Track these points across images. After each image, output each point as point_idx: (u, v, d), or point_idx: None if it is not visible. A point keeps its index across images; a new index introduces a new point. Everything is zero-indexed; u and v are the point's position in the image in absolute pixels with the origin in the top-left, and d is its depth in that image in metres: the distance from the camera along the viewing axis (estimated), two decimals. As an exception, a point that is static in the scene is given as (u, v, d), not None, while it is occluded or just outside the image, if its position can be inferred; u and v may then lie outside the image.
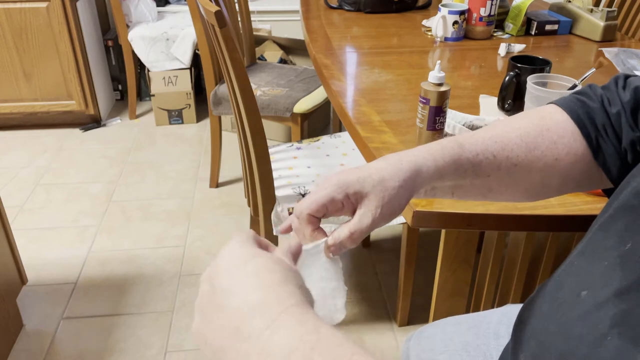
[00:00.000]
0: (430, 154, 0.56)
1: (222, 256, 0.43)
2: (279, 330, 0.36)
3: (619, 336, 0.37)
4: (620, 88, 0.59)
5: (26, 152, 2.60)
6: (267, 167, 1.36)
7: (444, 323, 0.86)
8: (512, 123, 0.61)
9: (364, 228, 0.52)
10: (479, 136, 0.59)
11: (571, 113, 0.59)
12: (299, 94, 2.04)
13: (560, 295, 0.47)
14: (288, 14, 3.08)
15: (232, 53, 1.22)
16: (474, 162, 0.57)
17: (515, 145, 0.58)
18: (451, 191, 0.60)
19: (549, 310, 0.48)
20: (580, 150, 0.58)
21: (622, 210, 0.46)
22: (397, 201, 0.53)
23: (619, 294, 0.40)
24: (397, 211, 0.54)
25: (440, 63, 0.98)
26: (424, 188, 0.57)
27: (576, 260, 0.49)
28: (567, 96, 0.62)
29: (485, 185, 0.59)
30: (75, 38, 2.55)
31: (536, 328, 0.49)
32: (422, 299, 1.68)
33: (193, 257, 1.90)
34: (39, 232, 2.03)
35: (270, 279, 0.40)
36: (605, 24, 1.62)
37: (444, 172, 0.56)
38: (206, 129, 2.81)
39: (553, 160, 0.58)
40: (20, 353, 1.52)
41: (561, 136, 0.59)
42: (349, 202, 0.53)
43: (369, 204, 0.53)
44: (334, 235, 0.53)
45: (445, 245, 1.00)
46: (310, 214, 0.53)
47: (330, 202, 0.53)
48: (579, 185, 0.61)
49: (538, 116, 0.61)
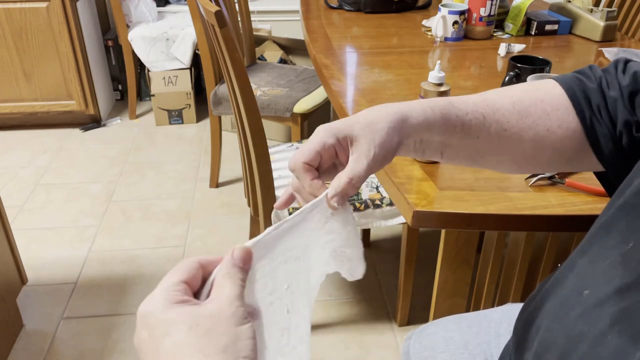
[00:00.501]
0: (418, 104, 0.56)
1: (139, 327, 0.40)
2: None
3: (619, 334, 0.37)
4: (619, 72, 0.59)
5: (26, 152, 2.60)
6: (267, 167, 1.36)
7: (444, 322, 0.86)
8: (507, 91, 0.61)
9: (361, 172, 0.52)
10: (470, 98, 0.60)
11: (567, 89, 0.59)
12: (299, 94, 2.04)
13: (562, 294, 0.47)
14: (288, 14, 3.08)
15: (232, 53, 1.22)
16: (464, 120, 0.57)
17: (506, 110, 0.58)
18: (440, 149, 0.59)
19: (551, 309, 0.48)
20: (572, 125, 0.58)
21: (624, 210, 0.46)
22: (388, 142, 0.53)
23: (620, 292, 0.40)
24: (389, 153, 0.54)
25: (440, 63, 0.98)
26: (412, 138, 0.56)
27: (578, 259, 0.49)
28: (568, 74, 0.63)
29: (474, 147, 0.59)
30: (75, 38, 2.55)
31: (539, 326, 0.49)
32: (422, 299, 1.68)
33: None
34: (39, 232, 2.03)
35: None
36: (605, 24, 1.62)
37: (432, 123, 0.56)
38: (206, 129, 2.81)
39: (544, 130, 0.58)
40: (20, 353, 1.52)
41: (555, 108, 0.59)
42: (341, 147, 0.53)
43: (360, 148, 0.52)
44: (333, 185, 0.52)
45: (445, 245, 1.00)
46: (306, 162, 0.53)
47: (322, 148, 0.52)
48: (568, 162, 0.61)
49: (534, 87, 0.61)
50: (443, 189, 0.89)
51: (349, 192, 0.52)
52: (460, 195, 0.88)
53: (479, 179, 0.92)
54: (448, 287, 1.04)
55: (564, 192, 0.88)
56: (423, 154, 0.59)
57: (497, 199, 0.86)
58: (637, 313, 0.37)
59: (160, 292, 0.40)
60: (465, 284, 1.04)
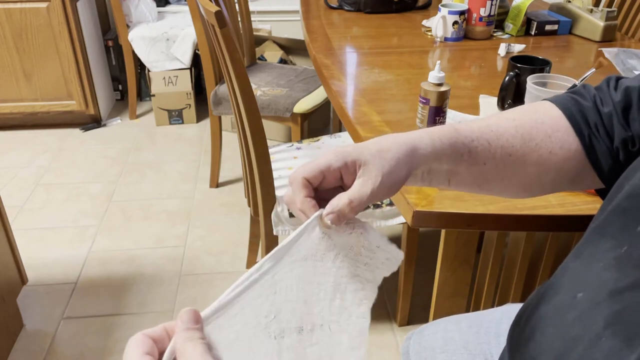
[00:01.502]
0: (427, 134, 0.56)
1: None
2: None
3: (613, 336, 0.37)
4: (612, 89, 0.60)
5: (26, 152, 2.60)
6: (267, 167, 1.36)
7: (444, 322, 0.86)
8: (507, 115, 0.61)
9: (363, 196, 0.50)
10: (474, 124, 0.60)
11: (565, 110, 0.60)
12: (299, 94, 2.04)
13: (557, 297, 0.47)
14: (288, 14, 3.08)
15: (232, 53, 1.23)
16: (470, 147, 0.57)
17: (510, 135, 0.59)
18: (447, 177, 0.59)
19: (546, 313, 0.48)
20: (573, 146, 0.59)
21: (616, 213, 0.46)
22: (397, 173, 0.52)
23: (613, 294, 0.40)
24: (396, 184, 0.53)
25: (440, 63, 0.98)
26: (421, 169, 0.56)
27: (572, 263, 0.49)
28: (562, 94, 0.63)
29: (481, 174, 0.59)
30: (76, 38, 2.55)
31: (534, 330, 0.49)
32: (422, 299, 1.69)
33: (193, 257, 1.90)
34: (39, 232, 2.03)
35: None
36: (605, 24, 1.62)
37: (441, 153, 0.56)
38: (206, 129, 2.81)
39: (547, 153, 0.59)
40: (20, 353, 1.52)
41: (555, 130, 0.59)
42: (347, 171, 0.52)
43: (368, 173, 0.51)
44: (332, 204, 0.50)
45: (445, 245, 1.00)
46: (305, 177, 0.51)
47: (327, 169, 0.51)
48: (572, 183, 0.62)
49: (532, 110, 0.61)
50: (443, 189, 0.89)
51: (347, 214, 0.50)
52: (460, 195, 0.88)
53: (479, 179, 0.92)
54: (448, 287, 1.04)
55: (564, 192, 0.88)
56: (430, 182, 0.59)
57: (497, 199, 0.86)
58: (631, 315, 0.38)
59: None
60: (465, 284, 1.04)
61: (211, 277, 1.80)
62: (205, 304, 1.91)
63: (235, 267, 1.84)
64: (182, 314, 0.41)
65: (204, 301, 1.70)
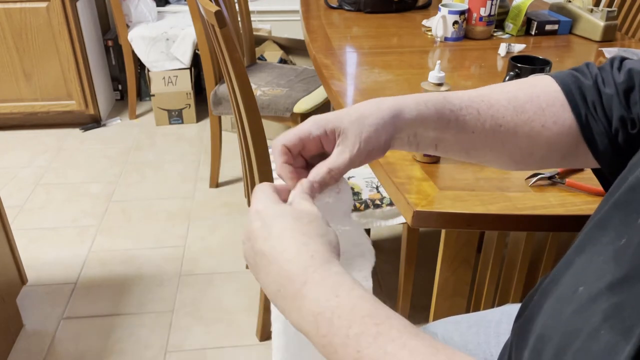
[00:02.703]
0: (412, 99, 0.57)
1: (251, 219, 0.49)
2: (305, 298, 0.43)
3: (611, 329, 0.37)
4: (615, 69, 0.60)
5: (26, 152, 2.60)
6: (267, 167, 1.36)
7: (444, 322, 0.86)
8: (502, 87, 0.61)
9: (341, 164, 0.53)
10: (465, 93, 0.60)
11: (563, 85, 0.60)
12: (299, 94, 2.04)
13: (559, 291, 0.47)
14: (288, 14, 3.08)
15: (232, 53, 1.22)
16: (458, 115, 0.57)
17: (501, 106, 0.59)
18: (434, 143, 0.59)
19: (548, 307, 0.48)
20: (567, 122, 0.58)
21: (618, 206, 0.46)
22: (375, 139, 0.53)
23: (612, 287, 0.40)
24: (375, 150, 0.54)
25: (440, 63, 0.98)
26: (406, 132, 0.56)
27: (573, 257, 0.49)
28: (564, 71, 0.63)
29: (469, 142, 0.59)
30: (75, 38, 2.55)
31: (536, 324, 0.49)
32: (422, 299, 1.68)
33: (193, 257, 1.90)
34: (39, 232, 2.03)
35: (294, 244, 0.46)
36: (605, 24, 1.62)
37: (426, 119, 0.56)
38: (206, 129, 2.81)
39: (540, 126, 0.59)
40: (20, 353, 1.52)
41: (550, 104, 0.59)
42: (327, 139, 0.54)
43: (346, 141, 0.53)
44: (312, 173, 0.53)
45: (445, 245, 1.00)
46: (285, 144, 0.53)
47: (306, 137, 0.53)
48: (564, 159, 0.61)
49: (530, 84, 0.61)
50: (443, 189, 0.89)
51: (328, 182, 0.54)
52: (460, 195, 0.88)
53: (479, 179, 0.92)
54: (448, 287, 1.04)
55: (564, 192, 0.88)
56: (417, 147, 0.59)
57: (497, 199, 0.86)
58: (628, 308, 0.38)
59: (263, 195, 0.50)
60: (465, 284, 1.04)
61: (211, 277, 1.80)
62: (205, 304, 1.91)
63: (235, 267, 1.84)
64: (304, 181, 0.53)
65: (204, 301, 1.70)
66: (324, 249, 0.46)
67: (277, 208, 0.49)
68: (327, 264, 0.45)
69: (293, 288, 0.44)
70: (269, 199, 0.50)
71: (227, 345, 1.56)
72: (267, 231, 0.47)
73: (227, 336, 1.58)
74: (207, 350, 1.54)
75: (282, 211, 0.48)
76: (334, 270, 0.45)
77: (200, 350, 1.54)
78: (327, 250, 0.46)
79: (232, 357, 1.52)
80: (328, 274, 0.44)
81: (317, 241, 0.46)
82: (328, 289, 0.43)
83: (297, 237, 0.46)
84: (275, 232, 0.47)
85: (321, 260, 0.45)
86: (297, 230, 0.46)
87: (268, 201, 0.50)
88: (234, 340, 1.57)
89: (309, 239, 0.46)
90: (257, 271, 0.48)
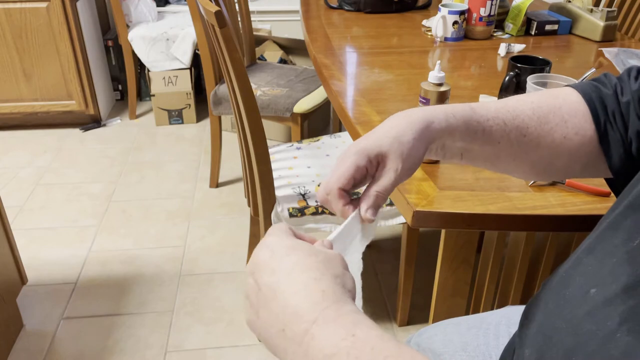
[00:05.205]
0: (441, 110, 0.58)
1: (260, 250, 0.46)
2: (316, 338, 0.39)
3: (629, 332, 0.37)
4: (632, 78, 0.60)
5: (26, 152, 2.60)
6: (267, 167, 1.36)
7: (443, 324, 0.86)
8: (526, 97, 0.62)
9: (388, 185, 0.55)
10: (491, 104, 0.61)
11: (585, 95, 0.61)
12: (299, 94, 2.04)
13: (568, 292, 0.47)
14: (288, 14, 3.08)
15: (232, 53, 1.22)
16: (485, 126, 0.59)
17: (526, 116, 0.60)
18: (460, 153, 0.61)
19: (555, 307, 0.48)
20: (588, 133, 0.59)
21: (631, 208, 0.46)
22: (415, 153, 0.55)
23: (627, 290, 0.40)
24: (416, 163, 0.56)
25: (440, 63, 0.98)
26: (435, 144, 0.58)
27: (584, 258, 0.49)
28: (584, 81, 0.64)
29: (494, 152, 0.60)
30: (75, 38, 2.55)
31: (543, 324, 0.49)
32: (422, 299, 1.68)
33: (193, 257, 1.90)
34: (39, 232, 2.03)
35: (304, 278, 0.42)
36: (605, 24, 1.62)
37: (455, 130, 0.57)
38: (206, 129, 2.81)
39: (562, 137, 0.59)
40: (20, 353, 1.52)
41: (572, 115, 0.60)
42: (372, 165, 0.55)
43: (390, 163, 0.54)
44: (364, 201, 0.55)
45: (445, 245, 1.00)
46: (341, 187, 0.54)
47: (356, 171, 0.54)
48: (583, 169, 0.62)
49: (552, 95, 0.62)
50: (443, 189, 0.89)
51: (380, 205, 0.55)
52: (460, 195, 0.88)
53: (479, 179, 0.92)
54: (448, 287, 1.04)
55: (564, 192, 0.88)
56: (444, 157, 0.61)
57: (497, 199, 0.86)
58: None
59: (277, 230, 0.48)
60: (465, 284, 1.04)
61: (211, 277, 1.80)
62: (205, 304, 1.91)
63: (235, 267, 1.84)
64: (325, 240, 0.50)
65: (204, 301, 1.70)
66: (338, 288, 0.42)
67: (290, 241, 0.46)
68: (340, 302, 0.41)
69: (300, 327, 0.40)
70: (284, 233, 0.47)
71: (227, 345, 1.56)
72: (275, 263, 0.44)
73: (227, 336, 1.58)
74: (207, 350, 1.54)
75: (295, 245, 0.45)
76: (349, 308, 0.41)
77: (200, 350, 1.54)
78: (340, 292, 0.42)
79: (232, 357, 1.52)
80: (342, 311, 0.40)
81: (330, 279, 0.43)
82: (343, 328, 0.39)
83: (308, 273, 0.42)
84: (285, 266, 0.43)
85: (334, 298, 0.41)
86: (309, 266, 0.43)
87: (282, 234, 0.47)
88: (234, 340, 1.57)
89: (322, 275, 0.43)
90: (256, 310, 0.44)
